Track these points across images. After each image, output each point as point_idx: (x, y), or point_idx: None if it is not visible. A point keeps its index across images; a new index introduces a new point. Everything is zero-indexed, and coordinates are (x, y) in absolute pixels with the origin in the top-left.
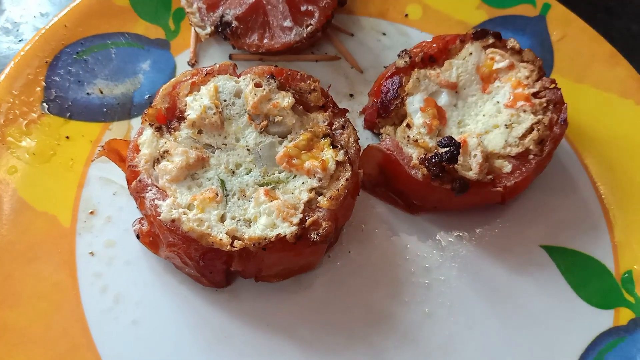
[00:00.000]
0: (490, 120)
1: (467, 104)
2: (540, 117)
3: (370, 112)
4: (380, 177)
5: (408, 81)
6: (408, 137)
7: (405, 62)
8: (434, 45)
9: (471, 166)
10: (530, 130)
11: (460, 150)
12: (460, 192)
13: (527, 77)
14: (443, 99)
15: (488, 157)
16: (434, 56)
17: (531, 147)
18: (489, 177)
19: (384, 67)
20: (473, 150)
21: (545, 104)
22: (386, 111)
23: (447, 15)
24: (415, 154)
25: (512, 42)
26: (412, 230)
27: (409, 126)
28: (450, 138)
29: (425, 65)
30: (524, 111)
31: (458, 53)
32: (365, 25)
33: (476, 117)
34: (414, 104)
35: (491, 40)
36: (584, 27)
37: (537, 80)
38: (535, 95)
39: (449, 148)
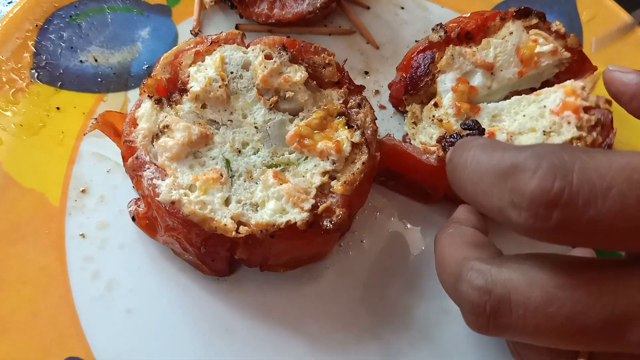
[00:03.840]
0: (530, 122)
1: (502, 86)
2: (583, 134)
3: (397, 88)
4: (387, 173)
5: (441, 57)
6: (433, 116)
7: (440, 36)
8: (472, 21)
9: None
10: (568, 143)
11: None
12: None
13: (583, 88)
14: (477, 80)
15: None
16: (471, 32)
17: None
18: None
19: (404, 43)
20: None
21: (593, 123)
22: (415, 88)
23: None
24: (436, 134)
25: (557, 25)
26: (428, 220)
27: (436, 105)
28: (476, 122)
29: (461, 42)
30: (568, 123)
31: (497, 32)
32: None
33: (515, 115)
34: (446, 82)
35: (534, 21)
36: (615, 8)
37: (591, 89)
38: (586, 110)
39: (471, 131)
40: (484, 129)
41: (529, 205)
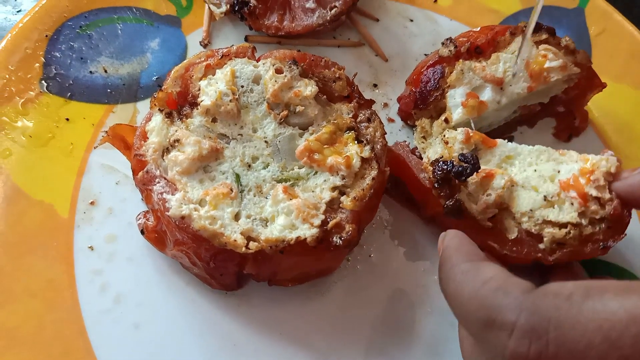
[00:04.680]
0: (536, 180)
1: (511, 100)
2: (584, 223)
3: (406, 102)
4: (392, 179)
5: (451, 72)
6: (444, 135)
7: (449, 51)
8: (482, 36)
9: (478, 201)
10: (561, 226)
11: (479, 179)
12: (449, 213)
13: (609, 172)
14: (487, 95)
15: (500, 208)
16: (480, 47)
17: (545, 240)
18: (488, 224)
19: (413, 56)
20: (492, 190)
21: (598, 217)
22: (424, 102)
23: (478, 3)
24: (438, 155)
25: (566, 41)
26: (437, 236)
27: (447, 121)
28: (475, 157)
29: (471, 56)
30: (571, 204)
31: (507, 46)
32: (391, 10)
33: (529, 166)
34: (456, 97)
35: (544, 36)
36: (624, 22)
37: (611, 180)
38: (598, 200)
39: (465, 164)
40: (479, 167)
41: None
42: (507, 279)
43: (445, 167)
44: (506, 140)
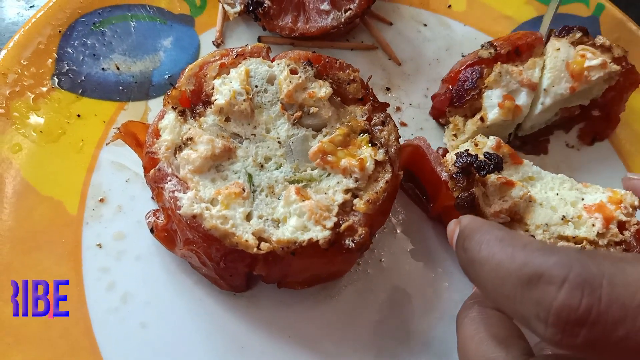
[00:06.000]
0: (557, 202)
1: (555, 101)
2: (601, 243)
3: (441, 100)
4: (406, 173)
5: (489, 74)
6: (475, 138)
7: (489, 53)
8: (522, 39)
9: (492, 203)
10: (577, 241)
11: (499, 183)
12: (460, 206)
13: (633, 205)
14: (522, 99)
15: (513, 219)
16: (520, 49)
17: None
18: None
19: (426, 60)
20: (509, 197)
21: (617, 240)
22: (460, 100)
23: (492, 9)
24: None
25: (601, 39)
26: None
27: (482, 120)
28: (500, 158)
29: (509, 59)
30: (593, 225)
31: (542, 56)
32: (405, 14)
33: (551, 190)
34: (492, 98)
35: (578, 35)
36: (638, 31)
37: (635, 211)
38: (621, 226)
39: (489, 160)
40: (501, 167)
41: (555, 321)
42: (547, 244)
43: (469, 158)
44: (532, 163)
